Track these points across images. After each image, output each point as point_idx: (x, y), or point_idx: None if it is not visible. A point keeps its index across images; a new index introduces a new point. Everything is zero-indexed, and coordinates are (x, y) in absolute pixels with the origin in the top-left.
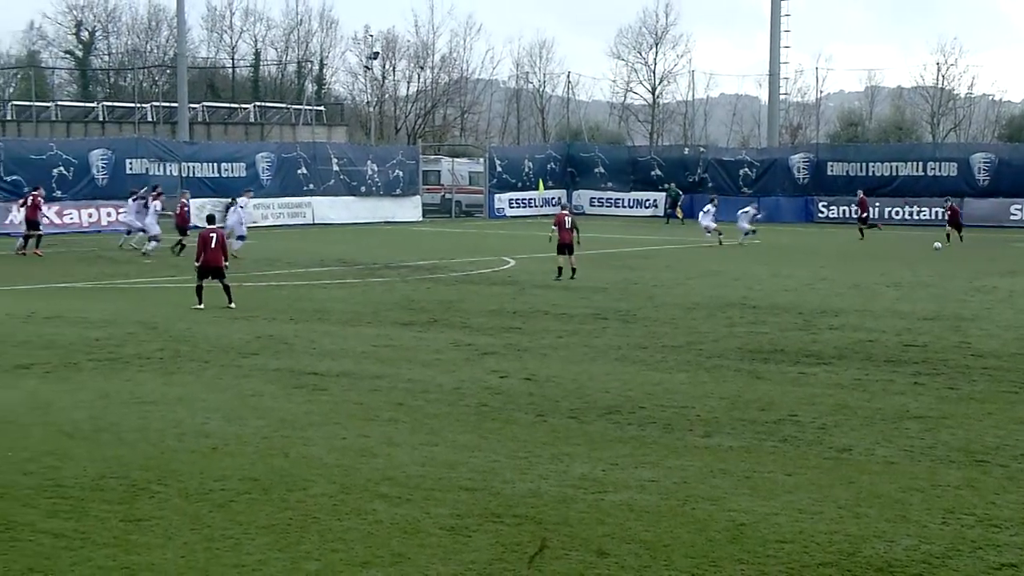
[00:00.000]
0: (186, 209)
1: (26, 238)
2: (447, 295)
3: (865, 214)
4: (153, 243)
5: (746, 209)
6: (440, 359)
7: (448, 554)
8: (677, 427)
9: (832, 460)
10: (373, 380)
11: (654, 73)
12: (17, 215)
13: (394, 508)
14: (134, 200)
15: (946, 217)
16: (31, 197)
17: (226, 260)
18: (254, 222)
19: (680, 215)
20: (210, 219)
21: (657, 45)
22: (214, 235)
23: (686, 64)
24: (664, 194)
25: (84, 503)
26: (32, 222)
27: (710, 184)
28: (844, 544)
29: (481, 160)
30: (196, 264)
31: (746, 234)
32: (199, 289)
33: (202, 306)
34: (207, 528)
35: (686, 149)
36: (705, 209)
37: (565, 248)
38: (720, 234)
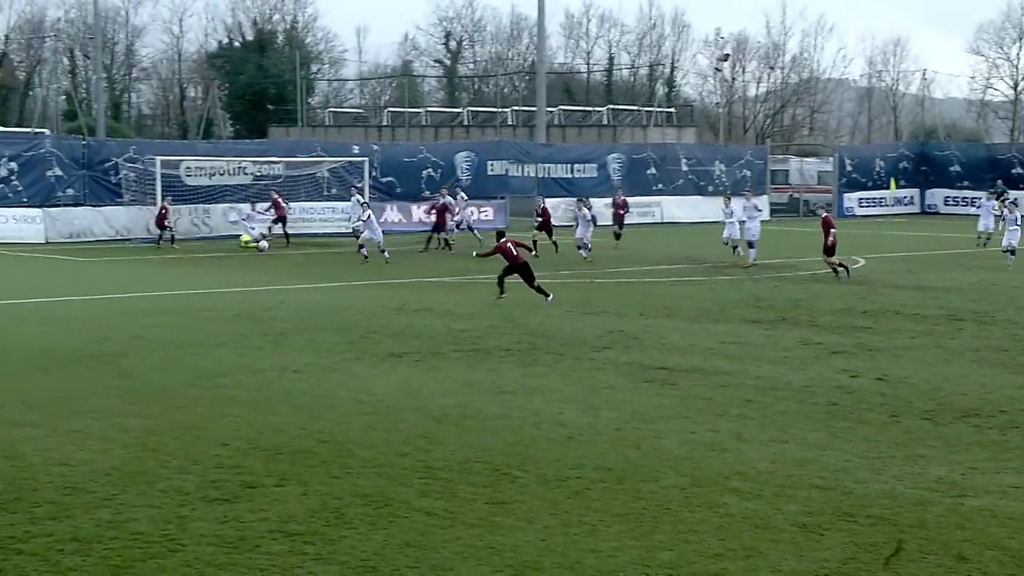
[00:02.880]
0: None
1: (429, 238)
2: (795, 293)
3: None
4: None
5: None
6: (788, 357)
7: (800, 551)
8: None
9: None
10: (722, 376)
11: (1016, 68)
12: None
13: (745, 503)
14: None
15: None
16: (443, 199)
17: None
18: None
19: None
20: (500, 233)
21: (1021, 39)
22: (510, 244)
23: None
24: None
25: (452, 484)
26: (439, 225)
27: None
28: None
29: (830, 159)
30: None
31: None
32: (501, 280)
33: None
34: (564, 514)
35: None
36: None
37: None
38: None
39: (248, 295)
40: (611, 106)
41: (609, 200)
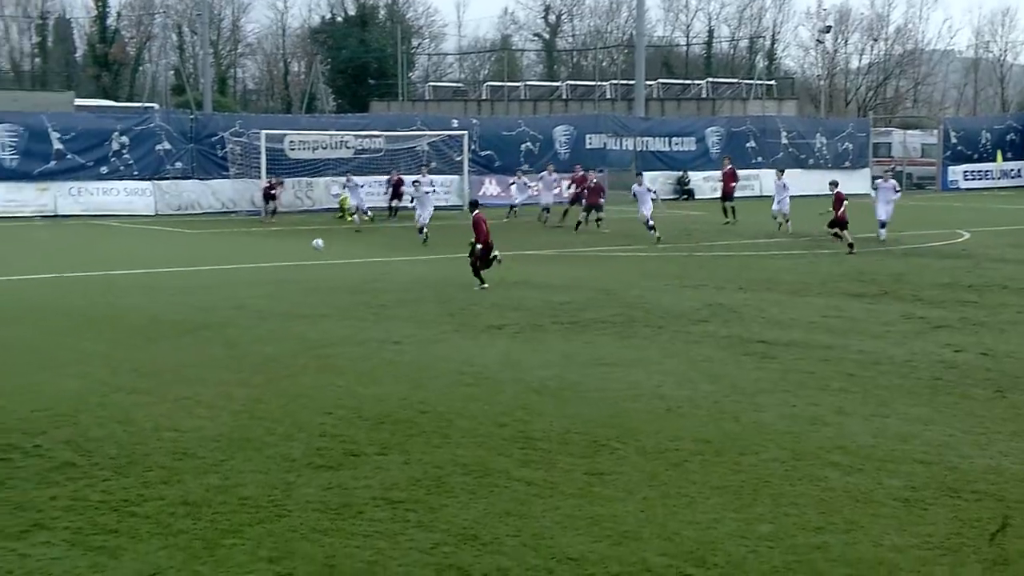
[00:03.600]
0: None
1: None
2: (897, 267)
3: None
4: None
5: None
6: (891, 331)
7: (903, 525)
8: None
9: None
10: (823, 350)
11: None
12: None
13: (846, 476)
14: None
15: None
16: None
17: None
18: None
19: None
20: (474, 204)
21: None
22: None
23: None
24: None
25: (552, 455)
26: (580, 199)
27: None
28: None
29: (934, 132)
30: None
31: None
32: (482, 267)
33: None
34: (663, 485)
35: None
36: None
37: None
38: None
39: (350, 267)
40: (710, 79)
41: (710, 173)
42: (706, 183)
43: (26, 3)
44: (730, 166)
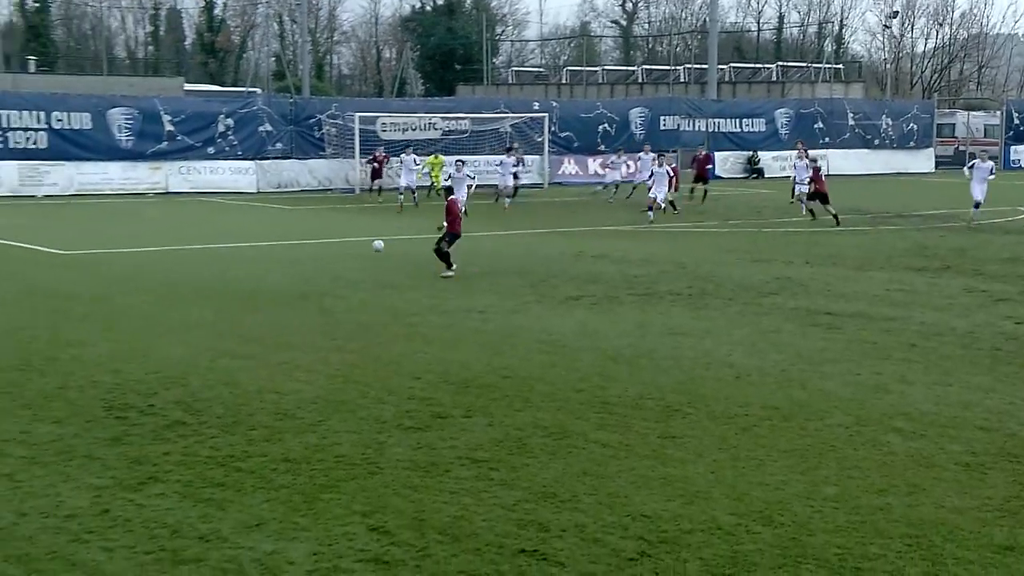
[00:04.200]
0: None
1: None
2: (959, 243)
3: None
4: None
5: None
6: (953, 304)
7: (963, 488)
8: None
9: None
10: (886, 321)
11: None
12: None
13: (908, 442)
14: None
15: None
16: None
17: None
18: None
19: None
20: (449, 190)
21: None
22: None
23: None
24: None
25: (627, 419)
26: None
27: None
28: None
29: (997, 113)
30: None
31: None
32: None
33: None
34: (733, 448)
35: None
36: None
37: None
38: None
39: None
40: (780, 63)
41: (779, 153)
42: (775, 162)
43: None
44: (704, 152)
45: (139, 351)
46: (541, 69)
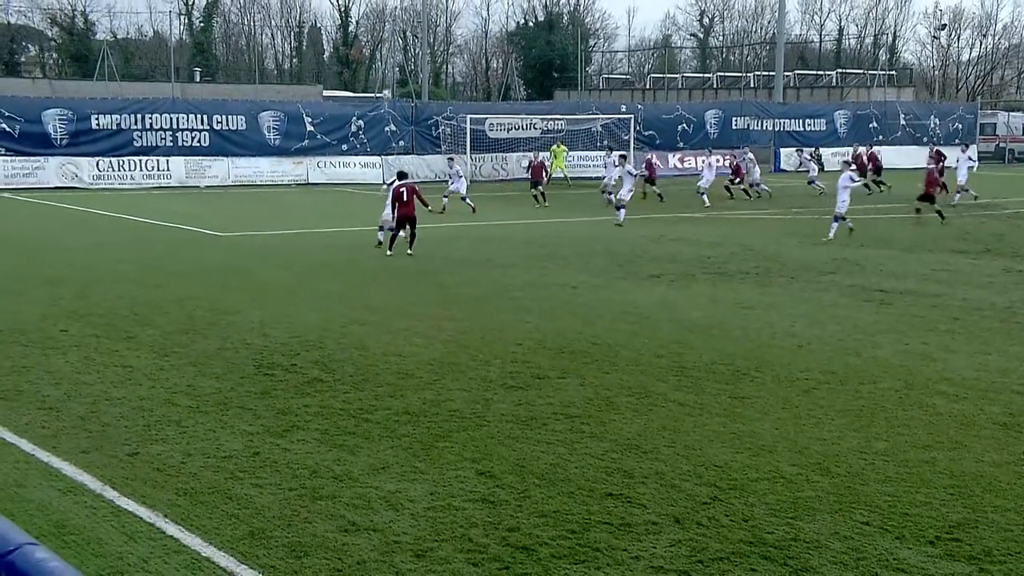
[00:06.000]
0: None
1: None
2: (999, 228)
3: None
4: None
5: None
6: (992, 282)
7: (1001, 446)
8: None
9: None
10: (932, 298)
11: None
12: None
13: (952, 404)
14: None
15: None
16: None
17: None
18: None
19: None
20: (401, 175)
21: None
22: (404, 189)
23: None
24: None
25: (701, 382)
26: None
27: None
28: None
29: None
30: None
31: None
32: (393, 238)
33: (391, 253)
34: (795, 408)
35: None
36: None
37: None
38: None
39: (534, 226)
40: (839, 70)
41: (837, 150)
42: (834, 158)
43: (288, 15)
44: (650, 156)
45: (283, 318)
46: (628, 76)
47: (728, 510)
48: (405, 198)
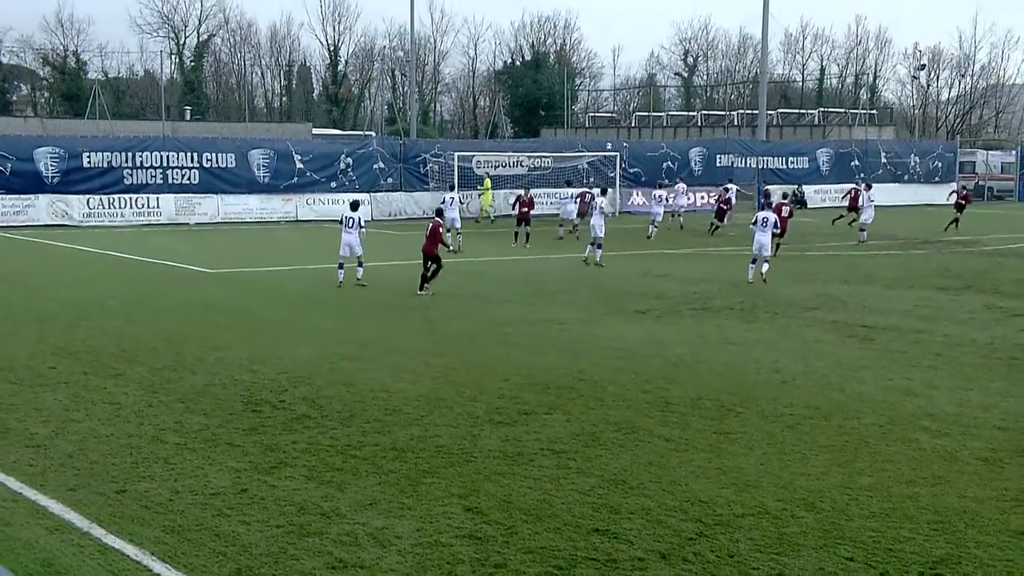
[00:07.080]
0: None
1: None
2: (979, 265)
3: None
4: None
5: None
6: (974, 318)
7: (983, 480)
8: None
9: None
10: (915, 334)
11: None
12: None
13: (935, 439)
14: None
15: None
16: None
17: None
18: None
19: None
20: (354, 205)
21: None
22: (430, 225)
23: None
24: None
25: (686, 417)
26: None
27: None
28: None
29: (1012, 152)
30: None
31: None
32: (422, 276)
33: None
34: (780, 443)
35: None
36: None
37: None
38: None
39: (521, 263)
40: (821, 109)
41: (819, 187)
42: (816, 195)
43: (277, 54)
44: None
45: (272, 354)
46: (614, 114)
47: (714, 546)
48: (427, 234)
